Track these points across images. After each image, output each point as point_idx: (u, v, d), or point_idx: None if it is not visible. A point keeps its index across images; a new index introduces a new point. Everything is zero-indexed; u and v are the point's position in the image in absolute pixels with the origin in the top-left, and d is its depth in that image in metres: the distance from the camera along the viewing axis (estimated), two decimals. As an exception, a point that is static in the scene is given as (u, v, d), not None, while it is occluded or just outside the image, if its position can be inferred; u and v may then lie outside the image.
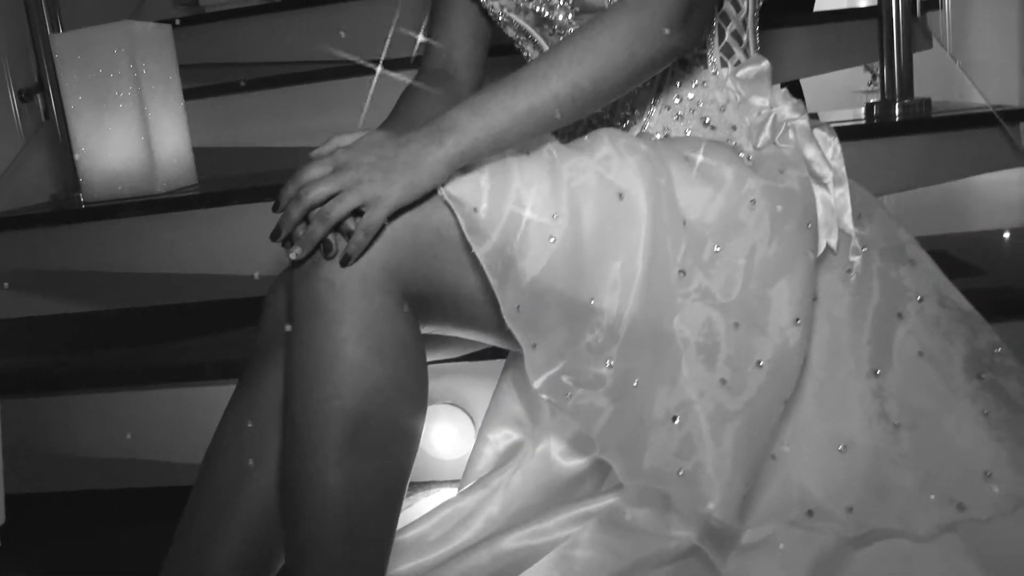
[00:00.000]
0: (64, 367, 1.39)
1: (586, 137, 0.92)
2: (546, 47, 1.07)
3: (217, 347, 1.39)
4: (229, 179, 1.88)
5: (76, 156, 1.75)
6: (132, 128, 1.69)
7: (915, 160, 1.47)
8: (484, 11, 1.11)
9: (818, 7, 2.35)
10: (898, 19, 1.62)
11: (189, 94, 1.89)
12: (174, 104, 1.78)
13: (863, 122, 1.56)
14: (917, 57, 1.76)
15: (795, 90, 2.74)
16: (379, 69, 1.88)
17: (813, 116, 1.91)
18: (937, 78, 1.98)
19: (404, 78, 1.18)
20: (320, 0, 2.32)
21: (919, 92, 1.66)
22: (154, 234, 1.66)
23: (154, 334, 1.56)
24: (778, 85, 1.03)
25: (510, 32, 1.10)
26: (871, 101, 1.68)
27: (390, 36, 2.12)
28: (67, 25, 1.89)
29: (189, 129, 1.84)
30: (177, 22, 2.15)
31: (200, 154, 1.92)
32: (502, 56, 1.17)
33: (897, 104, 1.61)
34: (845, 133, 1.43)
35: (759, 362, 0.86)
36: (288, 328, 0.84)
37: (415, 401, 0.87)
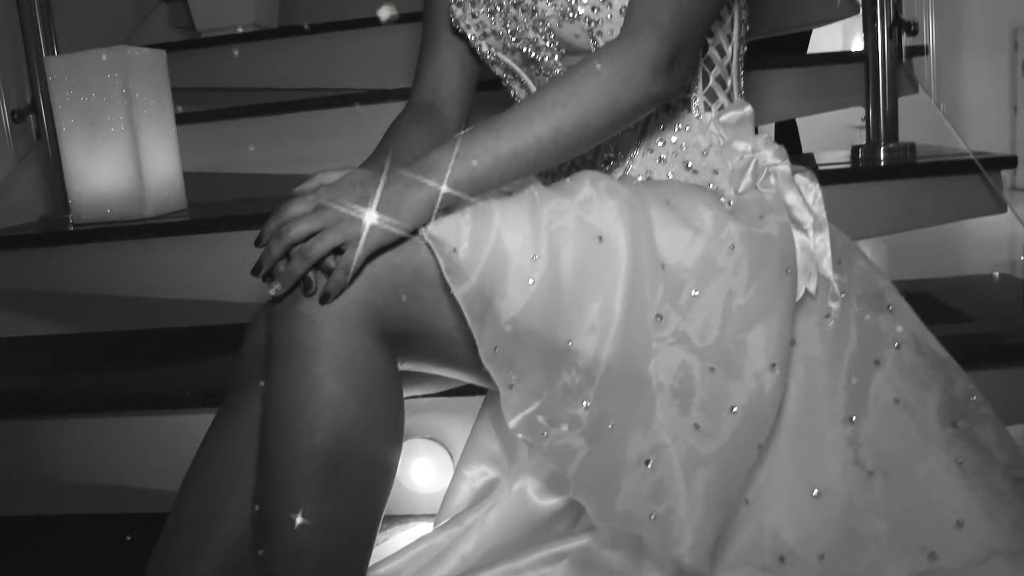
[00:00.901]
0: (46, 391, 1.39)
1: (568, 179, 0.93)
2: (533, 86, 1.09)
3: (200, 374, 1.39)
4: (219, 205, 1.89)
5: (66, 178, 1.75)
6: (123, 152, 1.70)
7: (899, 204, 1.48)
8: (472, 49, 1.12)
9: (818, 48, 2.38)
10: (883, 65, 1.64)
11: (182, 119, 1.90)
12: (166, 129, 1.79)
13: (848, 165, 1.58)
14: (905, 101, 1.78)
15: (791, 127, 2.77)
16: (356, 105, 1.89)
17: (805, 154, 1.94)
18: (924, 122, 2.00)
19: (395, 107, 1.20)
20: (316, 29, 2.33)
21: (906, 135, 1.68)
22: (142, 258, 1.66)
23: (138, 359, 1.56)
24: (766, 134, 1.04)
25: (497, 70, 1.12)
26: (856, 144, 1.70)
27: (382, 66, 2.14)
28: (63, 46, 1.90)
29: (181, 154, 1.85)
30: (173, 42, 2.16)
31: (191, 179, 1.92)
32: (489, 91, 1.18)
33: (882, 148, 1.63)
34: (830, 176, 1.45)
35: (733, 408, 0.87)
36: (267, 362, 0.85)
37: (391, 438, 0.87)
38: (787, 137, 2.95)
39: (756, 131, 1.05)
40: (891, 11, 1.65)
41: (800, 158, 1.85)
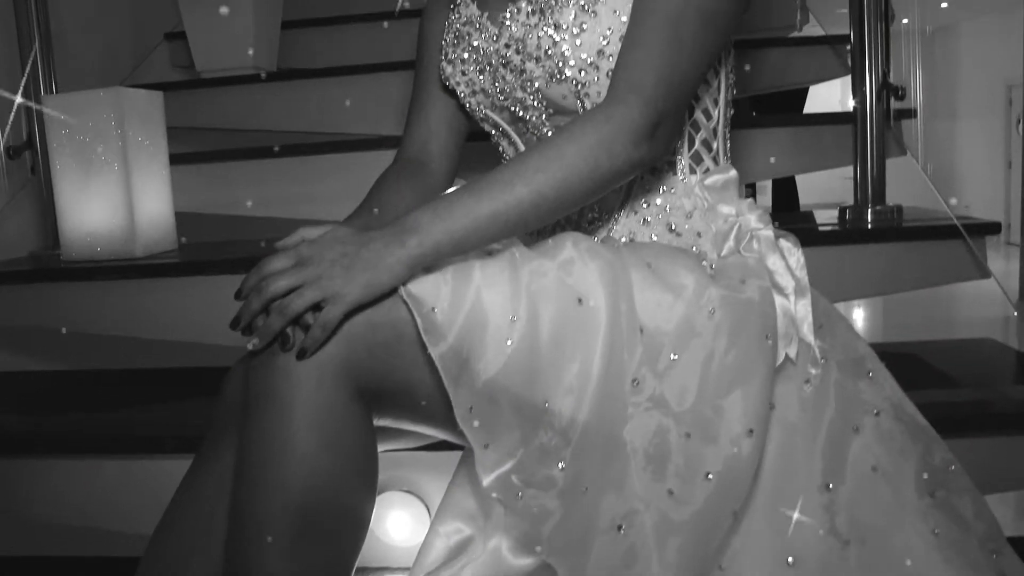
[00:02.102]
0: (20, 430, 1.38)
1: (550, 240, 0.93)
2: (521, 144, 1.10)
3: (181, 418, 1.38)
4: (209, 246, 1.89)
5: (58, 215, 1.76)
6: (115, 191, 1.70)
7: (884, 267, 1.49)
8: (462, 105, 1.14)
9: (817, 101, 2.41)
10: (871, 127, 1.66)
11: (177, 159, 1.92)
12: (159, 169, 1.80)
13: (835, 226, 1.59)
14: (899, 161, 1.80)
15: (789, 184, 2.80)
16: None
17: (803, 212, 1.95)
18: (916, 182, 2.02)
19: (387, 155, 1.21)
20: (313, 74, 2.36)
21: (899, 196, 1.69)
22: (129, 298, 1.66)
23: (119, 399, 1.55)
24: (750, 199, 1.05)
25: (486, 127, 1.13)
26: (844, 205, 1.72)
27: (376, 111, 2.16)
28: (67, 79, 1.92)
29: (174, 193, 1.86)
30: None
31: (184, 219, 1.93)
32: (480, 141, 1.20)
33: (869, 210, 1.65)
34: (815, 238, 1.46)
35: (708, 474, 0.86)
36: (243, 414, 0.85)
37: (364, 494, 0.87)
38: (785, 194, 2.98)
39: (754, 194, 1.06)
40: (879, 75, 1.68)
41: (797, 216, 1.87)
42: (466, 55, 1.07)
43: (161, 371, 1.71)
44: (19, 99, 1.92)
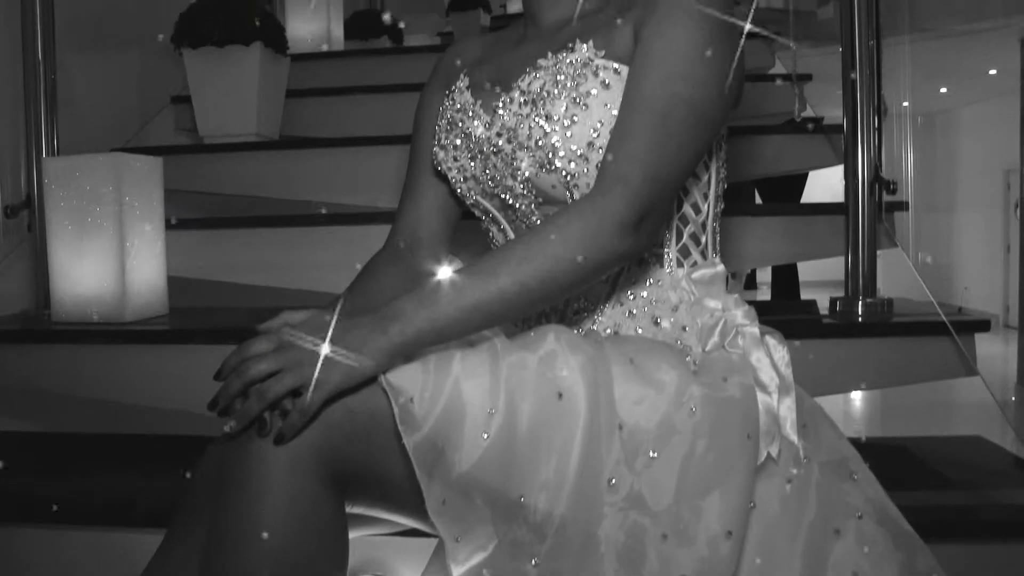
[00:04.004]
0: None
1: (532, 332, 0.93)
2: (510, 231, 1.10)
3: (157, 489, 1.36)
4: (200, 312, 1.89)
5: (51, 276, 1.77)
6: (108, 255, 1.71)
7: (872, 362, 1.49)
8: (453, 191, 1.15)
9: (818, 183, 2.43)
10: (863, 220, 1.67)
11: (172, 224, 1.93)
12: (154, 234, 1.81)
13: (825, 317, 1.59)
14: (895, 251, 1.81)
15: (791, 270, 2.80)
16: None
17: (806, 301, 1.96)
18: (909, 272, 2.02)
19: (381, 230, 1.21)
20: (314, 143, 2.39)
21: (892, 285, 1.70)
22: (116, 362, 1.66)
23: (94, 464, 1.53)
24: (737, 294, 1.05)
25: (477, 212, 1.14)
26: (835, 296, 1.72)
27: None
28: (72, 139, 1.94)
29: (169, 257, 1.87)
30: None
31: (177, 283, 1.94)
32: (471, 220, 1.20)
33: (860, 303, 1.65)
34: (804, 331, 1.46)
35: (683, 576, 0.85)
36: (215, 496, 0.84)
37: (332, 583, 0.85)
38: (786, 280, 3.00)
39: (754, 280, 1.06)
40: (872, 168, 1.70)
41: (797, 305, 1.87)
42: (458, 141, 1.09)
43: (142, 437, 1.69)
44: (22, 159, 1.94)
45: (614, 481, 0.87)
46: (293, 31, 3.39)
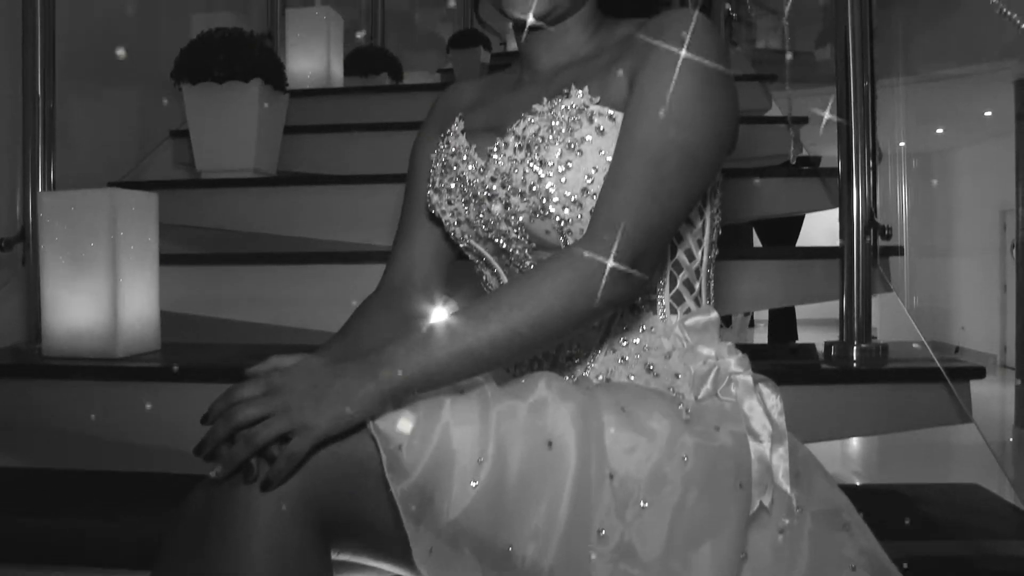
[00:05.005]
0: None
1: (523, 379, 0.92)
2: (504, 275, 1.10)
3: (144, 529, 1.34)
4: (192, 348, 1.89)
5: (43, 310, 1.76)
6: (101, 290, 1.71)
7: (866, 408, 1.48)
8: (447, 234, 1.14)
9: (817, 224, 2.43)
10: (857, 265, 1.67)
11: (168, 259, 1.92)
12: (148, 270, 1.81)
13: (820, 362, 1.59)
14: (888, 295, 1.80)
15: (789, 313, 2.79)
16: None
17: (805, 344, 1.95)
18: (905, 315, 2.02)
19: (376, 269, 1.21)
20: (311, 180, 2.39)
21: (888, 327, 1.69)
22: (106, 398, 1.64)
23: (81, 503, 1.51)
24: (730, 342, 1.05)
25: (470, 256, 1.14)
26: (829, 341, 1.71)
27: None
28: (68, 171, 1.94)
29: (163, 292, 1.87)
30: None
31: (170, 318, 1.93)
32: (465, 260, 1.20)
33: (855, 348, 1.64)
34: (798, 377, 1.45)
35: (673, 630, 0.84)
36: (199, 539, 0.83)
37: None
38: (784, 323, 2.99)
39: (751, 322, 1.05)
40: (866, 215, 1.70)
41: (793, 349, 1.86)
42: (452, 185, 1.09)
43: (126, 475, 1.67)
44: (17, 193, 1.94)
45: (604, 531, 0.86)
46: (293, 67, 3.41)
